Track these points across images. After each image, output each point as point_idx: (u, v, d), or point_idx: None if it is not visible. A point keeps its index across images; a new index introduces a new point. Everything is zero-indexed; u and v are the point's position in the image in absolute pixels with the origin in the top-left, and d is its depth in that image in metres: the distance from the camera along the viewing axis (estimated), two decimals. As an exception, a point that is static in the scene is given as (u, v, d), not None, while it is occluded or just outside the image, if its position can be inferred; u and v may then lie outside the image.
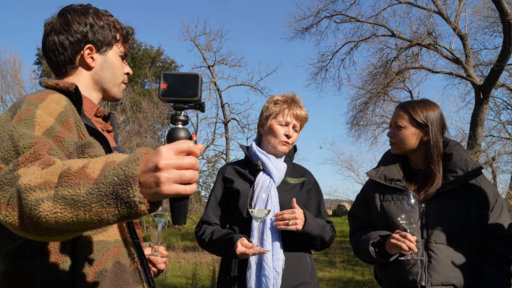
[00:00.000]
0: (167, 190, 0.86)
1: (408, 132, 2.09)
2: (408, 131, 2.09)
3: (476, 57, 14.48)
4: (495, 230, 1.98)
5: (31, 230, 0.92)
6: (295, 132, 2.29)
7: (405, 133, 2.09)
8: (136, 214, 0.88)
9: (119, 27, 1.49)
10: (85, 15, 1.42)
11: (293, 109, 2.26)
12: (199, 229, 2.28)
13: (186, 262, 9.80)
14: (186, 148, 0.90)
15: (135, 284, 1.32)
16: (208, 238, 2.19)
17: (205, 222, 2.28)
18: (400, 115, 2.12)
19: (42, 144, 1.05)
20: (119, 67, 1.51)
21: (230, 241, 2.06)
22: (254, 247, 1.98)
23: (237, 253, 1.99)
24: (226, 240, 2.09)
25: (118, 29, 1.49)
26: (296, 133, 2.30)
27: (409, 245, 1.84)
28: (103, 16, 1.46)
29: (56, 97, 1.25)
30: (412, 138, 2.09)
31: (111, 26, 1.46)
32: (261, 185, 2.16)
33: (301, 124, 2.32)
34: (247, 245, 2.01)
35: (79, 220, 0.88)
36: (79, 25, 1.41)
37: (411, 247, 1.84)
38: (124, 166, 0.88)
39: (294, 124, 2.27)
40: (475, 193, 2.01)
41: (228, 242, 2.07)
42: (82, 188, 0.88)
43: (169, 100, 1.03)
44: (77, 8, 1.45)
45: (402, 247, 1.85)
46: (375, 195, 2.14)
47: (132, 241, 1.34)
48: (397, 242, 1.87)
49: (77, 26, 1.40)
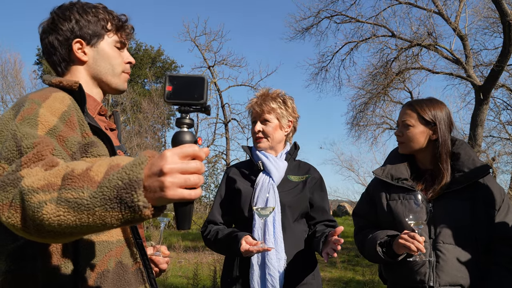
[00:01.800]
0: (171, 195, 0.85)
1: (417, 130, 2.07)
2: (416, 130, 2.07)
3: (476, 57, 14.47)
4: (501, 230, 1.97)
5: (33, 232, 0.91)
6: (264, 124, 2.30)
7: (413, 132, 2.07)
8: (140, 219, 0.87)
9: (110, 16, 1.46)
10: (70, 10, 1.42)
11: (254, 106, 2.33)
12: (205, 228, 2.30)
13: (187, 262, 9.80)
14: (191, 152, 0.88)
15: (137, 285, 1.31)
16: (214, 237, 2.21)
17: (211, 222, 2.31)
18: (408, 113, 2.10)
19: (45, 144, 1.04)
20: (115, 57, 1.48)
21: (234, 239, 2.07)
22: (258, 244, 1.99)
23: (241, 250, 1.99)
24: (231, 238, 2.10)
25: (108, 19, 1.46)
26: (266, 125, 2.30)
27: (418, 245, 1.82)
28: (90, 9, 1.44)
29: (59, 96, 1.24)
30: (420, 137, 2.07)
31: (100, 17, 1.44)
32: (261, 185, 2.20)
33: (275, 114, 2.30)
34: (251, 242, 2.01)
35: (82, 224, 0.87)
36: (64, 22, 1.40)
37: (419, 247, 1.82)
38: (129, 170, 0.86)
39: (263, 118, 2.29)
40: (482, 193, 2.00)
41: (232, 240, 2.09)
42: (86, 192, 0.87)
43: (175, 103, 1.01)
44: (64, 6, 1.44)
45: (410, 248, 1.83)
46: (381, 194, 2.12)
47: (134, 241, 1.33)
48: (405, 242, 1.85)
49: (63, 23, 1.40)
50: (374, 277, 7.26)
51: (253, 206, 2.04)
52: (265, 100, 2.31)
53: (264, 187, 2.18)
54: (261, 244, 1.98)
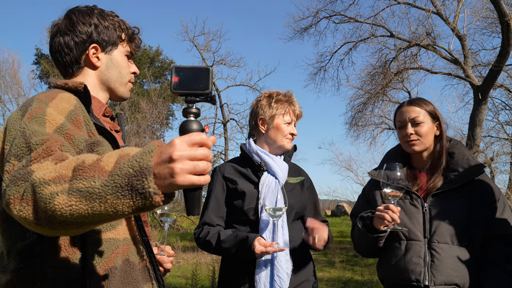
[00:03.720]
0: (181, 181, 0.87)
1: (427, 126, 2.08)
2: (427, 126, 2.08)
3: (475, 57, 14.52)
4: (497, 228, 1.98)
5: (45, 224, 0.93)
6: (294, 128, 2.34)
7: (425, 128, 2.07)
8: (150, 206, 0.89)
9: (124, 27, 1.51)
10: (89, 15, 1.44)
11: (295, 108, 2.32)
12: (200, 230, 2.21)
13: (185, 262, 9.81)
14: (199, 140, 0.91)
15: (144, 282, 1.33)
16: (215, 239, 2.13)
17: (206, 224, 2.22)
18: (417, 110, 2.09)
19: (54, 140, 1.07)
20: (125, 66, 1.53)
21: (245, 241, 2.04)
22: (273, 245, 1.99)
23: (256, 252, 1.98)
24: (240, 240, 2.06)
25: (123, 28, 1.51)
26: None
27: (392, 215, 1.83)
28: (108, 16, 1.48)
29: (66, 96, 1.27)
30: (431, 133, 2.09)
31: (116, 26, 1.48)
32: (268, 186, 2.17)
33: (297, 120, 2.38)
34: (265, 243, 2.01)
35: (94, 212, 0.89)
36: (83, 26, 1.43)
37: (394, 217, 1.83)
38: (139, 158, 0.89)
39: (294, 122, 2.33)
40: (477, 191, 2.01)
41: (242, 241, 2.05)
42: (97, 181, 0.89)
43: (181, 93, 1.04)
44: (82, 9, 1.47)
45: (385, 217, 1.84)
46: (376, 194, 2.15)
47: (141, 239, 1.35)
48: (380, 213, 1.87)
49: (81, 27, 1.42)
50: (372, 277, 7.27)
51: (265, 207, 2.02)
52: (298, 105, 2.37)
53: (271, 188, 2.16)
54: (276, 245, 1.99)
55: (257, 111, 2.32)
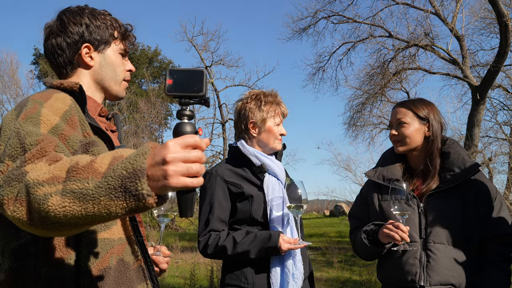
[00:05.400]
0: (174, 183, 0.88)
1: (413, 128, 2.09)
2: (412, 127, 2.09)
3: (473, 58, 14.53)
4: (494, 228, 1.98)
5: (39, 225, 0.93)
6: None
7: (410, 129, 2.09)
8: (144, 207, 0.90)
9: (117, 24, 1.51)
10: (80, 15, 1.44)
11: (283, 108, 2.33)
12: (208, 237, 2.13)
13: (184, 262, 9.80)
14: (192, 142, 0.91)
15: (139, 282, 1.33)
16: (231, 243, 2.08)
17: (212, 230, 2.14)
18: (403, 112, 2.12)
19: (48, 141, 1.07)
20: (119, 65, 1.52)
21: (266, 239, 2.04)
22: (297, 241, 2.03)
23: (283, 249, 2.01)
24: (261, 239, 2.05)
25: (115, 26, 1.50)
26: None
27: (402, 235, 1.85)
28: (99, 15, 1.47)
29: (61, 96, 1.27)
30: (417, 134, 2.09)
31: (108, 24, 1.48)
32: (272, 187, 2.19)
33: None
34: (289, 240, 2.04)
35: (88, 214, 0.90)
36: (75, 26, 1.43)
37: (403, 237, 1.85)
38: (132, 160, 0.89)
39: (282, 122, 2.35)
40: (473, 191, 2.01)
41: (264, 240, 2.05)
42: (91, 182, 0.89)
43: (175, 95, 1.05)
44: (73, 9, 1.47)
45: (395, 237, 1.86)
46: (374, 195, 2.15)
47: (135, 239, 1.35)
48: (389, 232, 1.88)
49: (73, 27, 1.42)
50: (371, 277, 7.28)
51: (286, 205, 2.03)
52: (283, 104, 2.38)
53: (276, 188, 2.18)
54: (300, 241, 2.03)
55: (247, 114, 2.27)
